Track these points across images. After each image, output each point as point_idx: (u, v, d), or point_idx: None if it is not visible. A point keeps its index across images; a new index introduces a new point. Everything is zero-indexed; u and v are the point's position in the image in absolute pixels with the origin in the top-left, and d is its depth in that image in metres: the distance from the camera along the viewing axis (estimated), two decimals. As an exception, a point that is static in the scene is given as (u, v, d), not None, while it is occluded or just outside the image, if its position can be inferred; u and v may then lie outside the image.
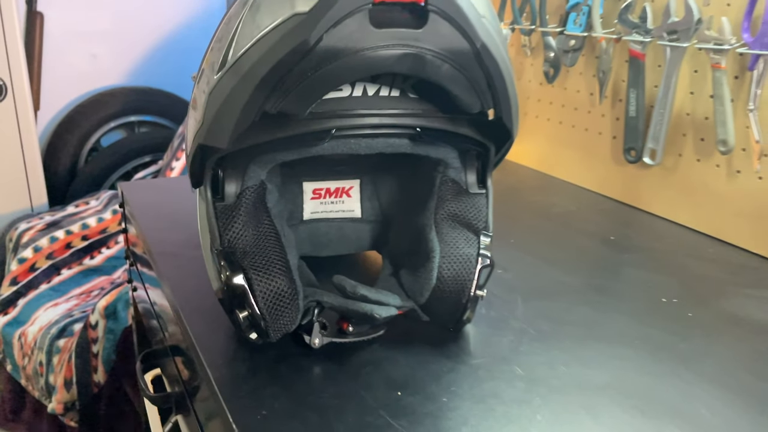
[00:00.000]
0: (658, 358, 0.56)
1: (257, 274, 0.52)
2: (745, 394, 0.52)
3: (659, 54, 0.86)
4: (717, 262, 0.77)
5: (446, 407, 0.49)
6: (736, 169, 0.80)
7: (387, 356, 0.55)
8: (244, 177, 0.54)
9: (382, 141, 0.51)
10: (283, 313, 0.52)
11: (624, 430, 0.47)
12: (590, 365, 0.55)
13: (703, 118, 0.83)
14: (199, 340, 0.56)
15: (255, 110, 0.44)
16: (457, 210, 0.58)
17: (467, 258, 0.56)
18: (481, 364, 0.55)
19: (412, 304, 0.57)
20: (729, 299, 0.67)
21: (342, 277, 0.57)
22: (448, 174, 0.58)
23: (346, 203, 0.72)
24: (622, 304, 0.66)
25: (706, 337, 0.60)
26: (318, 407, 0.48)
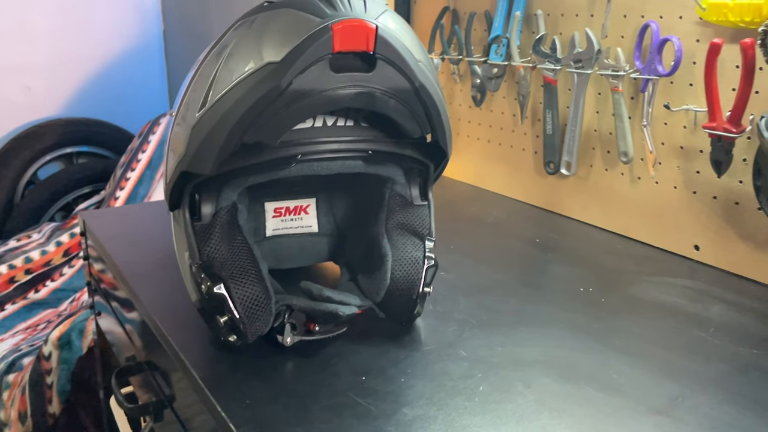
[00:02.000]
0: (577, 336, 0.67)
1: (235, 283, 0.59)
2: (649, 360, 0.63)
3: (568, 79, 0.99)
4: (625, 256, 0.89)
5: (404, 386, 0.58)
6: (637, 176, 0.93)
7: (350, 349, 0.63)
8: (219, 199, 0.61)
9: (339, 163, 0.60)
10: (259, 317, 0.60)
11: (550, 393, 0.57)
12: (522, 345, 0.65)
13: (608, 134, 0.96)
14: (181, 347, 0.63)
15: (235, 141, 0.52)
16: (404, 219, 0.67)
17: (415, 260, 0.65)
18: (431, 350, 0.64)
19: (370, 303, 0.66)
20: (634, 286, 0.79)
21: (308, 283, 0.65)
22: (395, 189, 0.67)
23: (305, 220, 0.80)
24: (547, 295, 0.77)
25: (616, 317, 0.72)
26: (294, 393, 0.56)
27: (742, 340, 0.67)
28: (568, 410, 0.55)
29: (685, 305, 0.75)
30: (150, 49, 2.43)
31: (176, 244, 0.68)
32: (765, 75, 0.75)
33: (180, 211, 0.64)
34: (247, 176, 0.59)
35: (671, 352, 0.64)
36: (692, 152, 0.86)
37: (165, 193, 0.62)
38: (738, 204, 0.82)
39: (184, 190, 0.60)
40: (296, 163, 0.57)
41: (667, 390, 0.58)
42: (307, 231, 0.80)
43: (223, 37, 0.56)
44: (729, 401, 0.56)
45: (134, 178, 1.91)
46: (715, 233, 0.85)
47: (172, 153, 0.57)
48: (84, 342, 1.36)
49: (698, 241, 0.87)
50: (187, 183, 0.59)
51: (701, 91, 0.82)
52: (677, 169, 0.88)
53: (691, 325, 0.70)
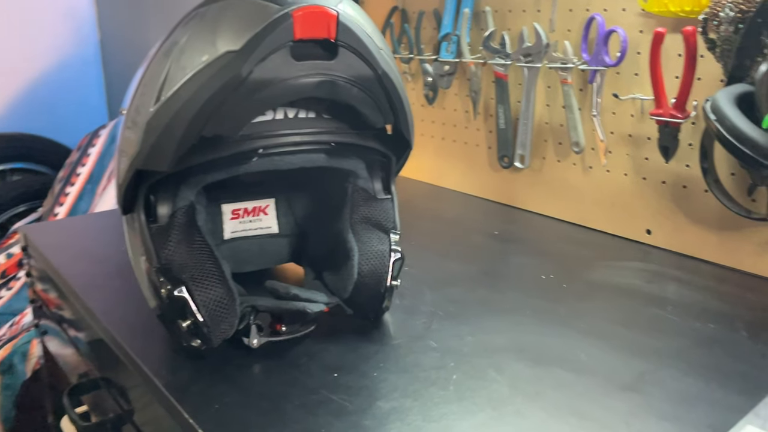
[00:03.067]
0: (543, 321, 0.68)
1: (196, 285, 0.57)
2: (613, 340, 0.64)
3: (519, 74, 1.00)
4: (581, 244, 0.91)
5: (377, 380, 0.57)
6: (589, 165, 0.96)
7: (320, 348, 0.62)
8: (175, 199, 0.59)
9: (302, 156, 0.58)
10: (223, 319, 0.58)
11: (522, 378, 0.57)
12: (491, 333, 0.65)
13: (558, 125, 0.98)
14: (140, 356, 0.60)
15: (194, 135, 0.50)
16: (368, 214, 0.66)
17: (381, 254, 0.64)
18: (401, 343, 0.63)
19: (337, 299, 0.65)
20: (593, 271, 0.81)
21: (274, 282, 0.63)
22: (357, 184, 0.66)
23: (264, 221, 0.78)
24: (511, 284, 0.78)
25: (579, 301, 0.73)
26: (265, 395, 0.54)
27: (698, 315, 0.69)
28: (542, 392, 0.55)
29: (642, 286, 0.77)
30: (86, 59, 2.34)
31: (130, 250, 0.65)
32: (706, 62, 0.78)
33: (134, 215, 0.61)
34: (205, 174, 0.57)
35: (634, 331, 0.66)
36: (640, 140, 0.88)
37: (117, 196, 0.60)
38: (686, 187, 0.85)
39: (138, 192, 0.58)
40: (257, 158, 0.55)
41: (634, 367, 0.59)
42: (267, 232, 0.78)
43: (172, 34, 0.54)
44: (693, 374, 0.58)
45: (74, 193, 1.83)
46: (666, 217, 0.88)
47: (124, 153, 0.55)
48: (28, 365, 1.29)
49: (650, 226, 0.90)
50: (141, 183, 0.57)
51: (647, 80, 0.85)
52: (627, 156, 0.90)
53: (649, 304, 0.72)
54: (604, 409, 0.53)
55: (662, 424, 0.51)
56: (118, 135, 0.59)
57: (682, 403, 0.53)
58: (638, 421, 0.51)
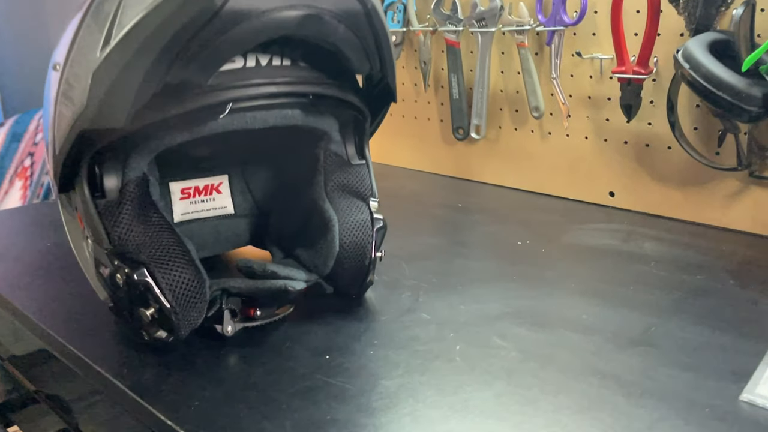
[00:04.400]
0: (533, 285, 0.64)
1: (159, 267, 0.49)
2: (609, 298, 0.61)
3: (471, 41, 0.97)
4: (547, 211, 0.89)
5: (375, 358, 0.51)
6: (548, 131, 0.94)
7: (302, 331, 0.55)
8: (125, 169, 0.50)
9: (276, 113, 0.51)
10: (193, 305, 0.50)
11: (529, 342, 0.53)
12: (483, 301, 0.61)
13: (514, 92, 0.96)
14: (94, 358, 0.51)
15: (156, 81, 0.42)
16: (344, 180, 0.60)
17: (363, 223, 0.58)
18: (390, 318, 0.58)
19: (316, 277, 0.58)
20: (566, 234, 0.79)
21: (246, 259, 0.56)
22: (330, 148, 0.60)
23: (218, 200, 0.70)
24: (488, 252, 0.74)
25: (562, 264, 0.70)
26: (251, 386, 0.47)
27: (683, 269, 0.68)
28: (554, 355, 0.51)
29: (620, 245, 0.75)
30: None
31: (70, 235, 0.56)
32: (665, 17, 0.77)
33: (71, 194, 0.52)
34: (160, 137, 0.49)
35: (625, 288, 0.63)
36: (600, 101, 0.87)
37: (53, 171, 0.50)
38: (648, 146, 0.84)
39: (80, 163, 0.49)
40: (226, 114, 0.48)
41: (637, 322, 0.56)
42: (222, 213, 0.70)
43: None
44: (697, 323, 0.56)
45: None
46: (629, 177, 0.87)
47: (62, 116, 0.46)
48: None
49: (613, 188, 0.89)
50: (83, 152, 0.48)
51: (605, 40, 0.84)
52: (587, 119, 0.89)
53: (632, 261, 0.70)
54: (621, 365, 0.49)
55: (685, 374, 0.48)
56: (49, 100, 0.50)
57: (696, 353, 0.51)
58: (659, 374, 0.48)
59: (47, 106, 0.50)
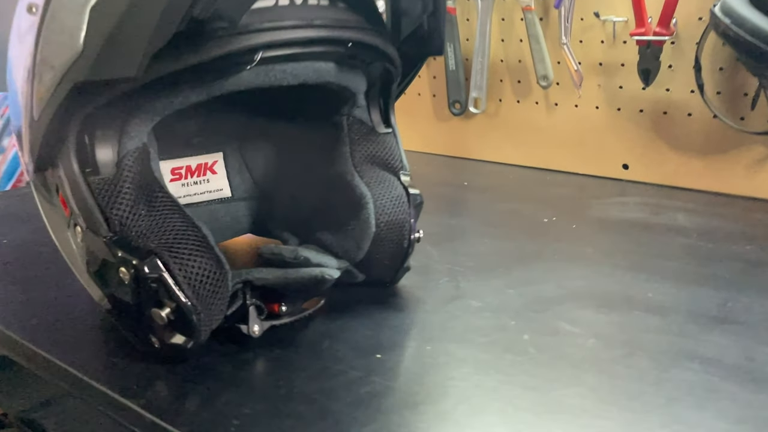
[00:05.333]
0: (579, 264, 0.58)
1: (173, 255, 0.39)
2: (665, 273, 0.56)
3: (467, 7, 0.90)
4: (559, 186, 0.83)
5: (435, 354, 0.43)
6: (554, 102, 0.88)
7: (338, 327, 0.47)
8: (122, 138, 0.40)
9: (308, 66, 0.42)
10: (215, 300, 0.40)
11: (600, 325, 0.47)
12: (531, 283, 0.54)
13: (516, 62, 0.89)
14: (88, 372, 0.41)
15: (180, 16, 0.32)
16: (372, 151, 0.52)
17: (399, 198, 0.50)
18: (436, 308, 0.50)
19: (347, 263, 0.50)
20: (590, 209, 0.73)
21: (273, 246, 0.47)
22: (354, 114, 0.52)
23: (212, 182, 0.60)
24: (516, 231, 0.67)
25: (599, 239, 0.64)
26: (299, 396, 0.38)
27: (728, 240, 0.63)
28: (636, 339, 0.45)
29: (651, 218, 0.70)
30: None
31: (49, 223, 0.45)
32: (687, -27, 0.72)
33: (48, 174, 0.42)
34: (168, 96, 0.39)
35: (678, 262, 0.58)
36: (613, 67, 0.82)
37: (29, 143, 0.40)
38: (666, 113, 0.80)
39: (67, 130, 0.39)
40: (253, 64, 0.39)
41: (708, 298, 0.51)
42: (218, 196, 0.60)
43: None
44: (771, 296, 0.51)
45: None
46: (644, 148, 0.82)
47: (44, 68, 0.35)
48: None
49: (627, 160, 0.84)
50: (72, 116, 0.38)
51: (618, 1, 0.78)
52: (598, 87, 0.84)
53: (671, 234, 0.65)
54: (715, 346, 0.44)
55: (789, 353, 0.43)
56: (20, 54, 0.39)
57: (787, 328, 0.46)
58: (758, 353, 0.43)
59: (17, 62, 0.40)
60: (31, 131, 0.39)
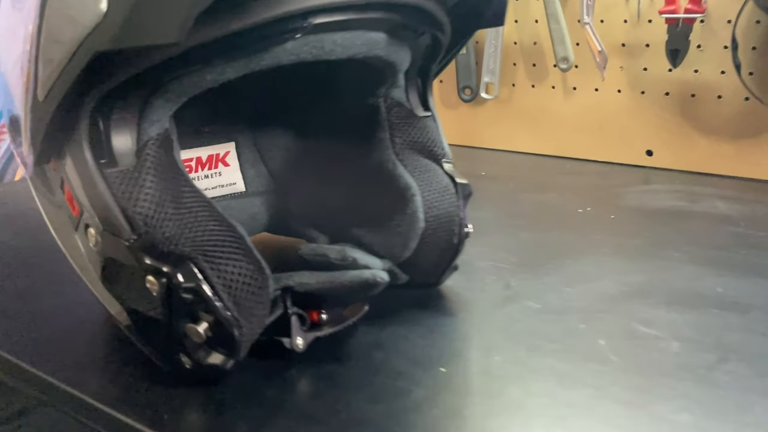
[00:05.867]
0: (632, 257, 0.54)
1: (209, 259, 0.33)
2: (726, 264, 0.51)
3: (478, -14, 0.85)
4: (583, 174, 0.79)
5: (506, 365, 0.38)
6: (572, 86, 0.83)
7: (387, 335, 0.41)
8: (142, 122, 0.34)
9: (360, 36, 0.36)
10: (256, 310, 0.35)
11: (679, 326, 0.42)
12: (588, 280, 0.49)
13: (531, 44, 0.85)
14: (110, 401, 0.35)
15: None
16: (414, 137, 0.46)
17: (446, 189, 0.45)
18: (490, 311, 0.45)
19: (390, 263, 0.44)
20: (621, 198, 0.69)
21: (314, 246, 0.41)
22: (392, 96, 0.46)
23: (224, 175, 0.54)
24: (552, 223, 0.63)
25: (644, 230, 0.60)
26: (363, 423, 0.33)
27: (778, 227, 0.60)
28: (725, 341, 0.40)
29: (690, 207, 0.66)
30: None
31: (52, 225, 0.39)
32: (721, -54, 0.68)
33: (48, 167, 0.36)
34: (200, 71, 0.33)
35: (737, 253, 0.54)
36: (637, 48, 0.78)
37: (31, 130, 0.33)
38: (694, 96, 0.76)
39: (79, 113, 0.32)
40: (305, 31, 0.33)
41: (782, 292, 0.47)
42: (231, 191, 0.54)
43: None
44: None
45: None
46: (670, 133, 0.79)
47: (54, 36, 0.29)
48: None
49: (651, 146, 0.80)
50: (86, 95, 0.31)
51: (644, -23, 0.74)
52: (620, 70, 0.80)
53: (717, 223, 0.61)
54: (812, 347, 0.39)
55: None
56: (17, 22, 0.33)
57: None
58: None
59: (12, 32, 0.33)
60: (33, 116, 0.32)
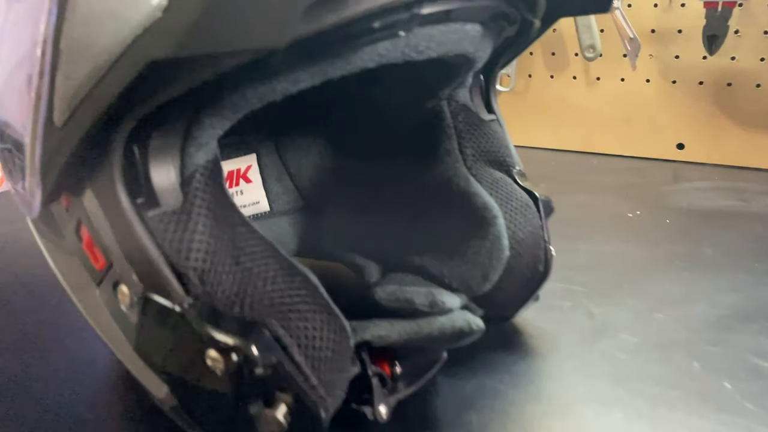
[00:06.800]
0: (713, 270, 0.48)
1: (283, 321, 0.26)
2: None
3: (492, -32, 0.78)
4: (615, 172, 0.74)
5: (631, 420, 0.32)
6: (596, 76, 0.78)
7: (473, 389, 0.34)
8: (187, 147, 0.26)
9: (456, 30, 0.29)
10: (339, 379, 0.28)
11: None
12: (676, 302, 0.43)
13: (550, 31, 0.78)
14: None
15: None
16: (484, 146, 0.39)
17: (527, 207, 0.38)
18: (583, 349, 0.38)
19: (466, 298, 0.37)
20: (670, 198, 0.64)
21: (392, 289, 0.34)
22: (457, 98, 0.39)
23: (246, 193, 0.46)
24: (601, 230, 0.57)
25: (709, 236, 0.55)
26: None
27: None
28: None
29: (746, 206, 0.62)
30: None
31: (66, 279, 0.30)
32: None
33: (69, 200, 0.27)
34: (270, 78, 0.25)
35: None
36: (668, 34, 0.72)
37: (38, 162, 0.25)
38: (731, 85, 0.71)
39: (111, 140, 0.24)
40: (405, 30, 0.25)
41: None
42: (254, 211, 0.47)
43: None
44: None
45: None
46: (704, 125, 0.74)
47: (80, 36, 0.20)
48: None
49: (682, 139, 0.75)
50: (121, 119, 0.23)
51: (678, -43, 0.69)
52: (649, 58, 0.74)
53: (781, 226, 0.57)
54: None
55: None
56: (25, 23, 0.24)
57: None
58: None
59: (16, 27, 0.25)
60: (46, 145, 0.24)
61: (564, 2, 0.35)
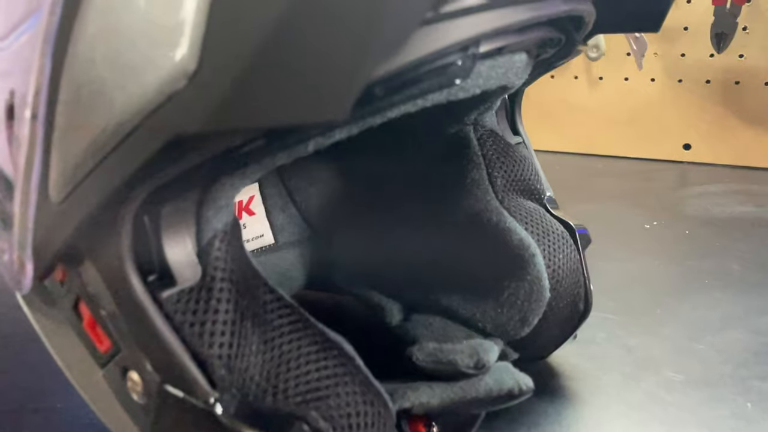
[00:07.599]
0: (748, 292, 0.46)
1: (321, 408, 0.22)
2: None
3: (488, -35, 0.75)
4: (621, 176, 0.71)
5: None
6: (598, 76, 0.75)
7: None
8: (204, 211, 0.22)
9: (502, 63, 0.25)
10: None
11: None
12: (718, 329, 0.41)
13: (550, 30, 0.75)
14: None
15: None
16: (515, 174, 0.36)
17: (564, 239, 0.35)
18: (626, 390, 0.36)
19: (502, 342, 0.34)
20: (685, 206, 0.62)
21: (431, 348, 0.31)
22: (484, 122, 0.36)
23: (250, 226, 0.43)
24: (619, 244, 0.54)
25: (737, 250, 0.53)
26: None
27: None
28: None
29: (763, 212, 0.60)
30: None
31: (63, 360, 0.27)
32: None
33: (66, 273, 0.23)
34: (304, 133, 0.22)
35: None
36: (674, 32, 0.70)
37: (30, 236, 0.21)
38: (739, 83, 0.69)
39: (119, 214, 0.20)
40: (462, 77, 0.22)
41: None
42: (259, 245, 0.43)
43: None
44: None
45: None
46: (711, 125, 0.72)
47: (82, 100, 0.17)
48: None
49: (689, 139, 0.73)
50: (130, 192, 0.20)
51: (684, -49, 0.66)
52: (654, 56, 0.72)
53: (803, 234, 0.55)
54: None
55: None
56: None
57: None
58: None
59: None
60: (39, 218, 0.20)
61: (612, 21, 0.32)
